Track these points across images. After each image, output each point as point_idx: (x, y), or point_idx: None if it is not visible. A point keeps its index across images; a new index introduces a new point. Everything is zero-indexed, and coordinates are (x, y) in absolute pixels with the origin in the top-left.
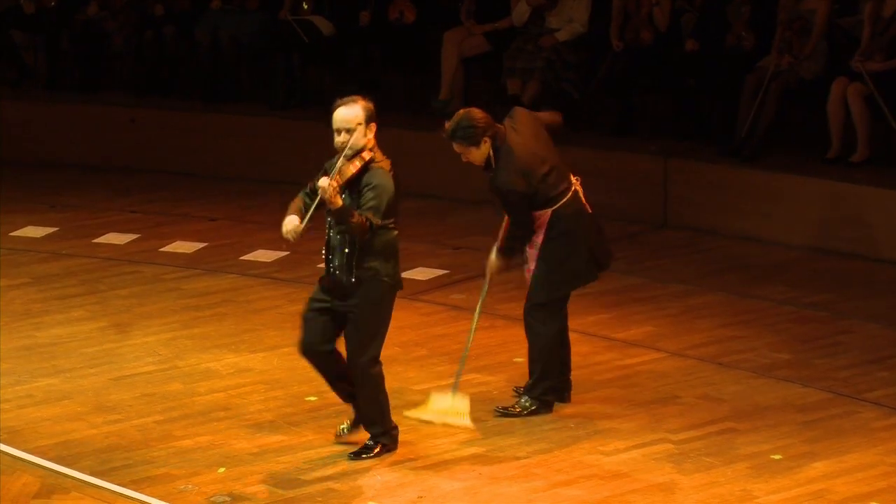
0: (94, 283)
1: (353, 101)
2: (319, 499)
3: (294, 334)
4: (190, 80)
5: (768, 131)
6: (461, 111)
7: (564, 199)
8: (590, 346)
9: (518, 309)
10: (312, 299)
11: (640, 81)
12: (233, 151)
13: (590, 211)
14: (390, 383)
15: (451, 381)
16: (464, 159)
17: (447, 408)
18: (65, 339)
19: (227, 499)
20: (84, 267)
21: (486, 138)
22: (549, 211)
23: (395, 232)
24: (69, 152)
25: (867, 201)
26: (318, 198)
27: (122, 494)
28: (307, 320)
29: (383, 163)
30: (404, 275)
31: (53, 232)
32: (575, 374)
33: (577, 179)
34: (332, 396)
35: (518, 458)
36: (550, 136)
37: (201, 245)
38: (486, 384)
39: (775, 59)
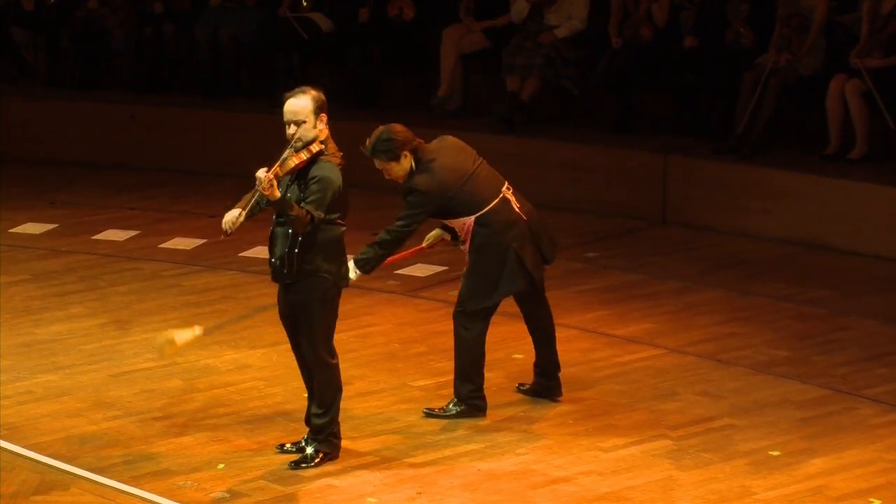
0: (93, 280)
1: (303, 93)
2: (318, 495)
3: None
4: (189, 78)
5: (767, 128)
6: (381, 127)
7: (488, 207)
8: (589, 343)
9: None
10: (279, 294)
11: (639, 78)
12: (232, 148)
13: (524, 219)
14: (389, 379)
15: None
16: (386, 176)
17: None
18: (64, 336)
19: (227, 495)
20: (83, 263)
21: (407, 152)
22: (471, 218)
23: (342, 228)
24: (69, 149)
25: (865, 198)
26: (255, 199)
27: (121, 490)
28: (282, 321)
29: (333, 156)
30: (403, 272)
31: (53, 228)
32: (574, 371)
33: (508, 188)
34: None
35: (517, 455)
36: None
37: (201, 242)
38: (485, 380)
39: (774, 56)
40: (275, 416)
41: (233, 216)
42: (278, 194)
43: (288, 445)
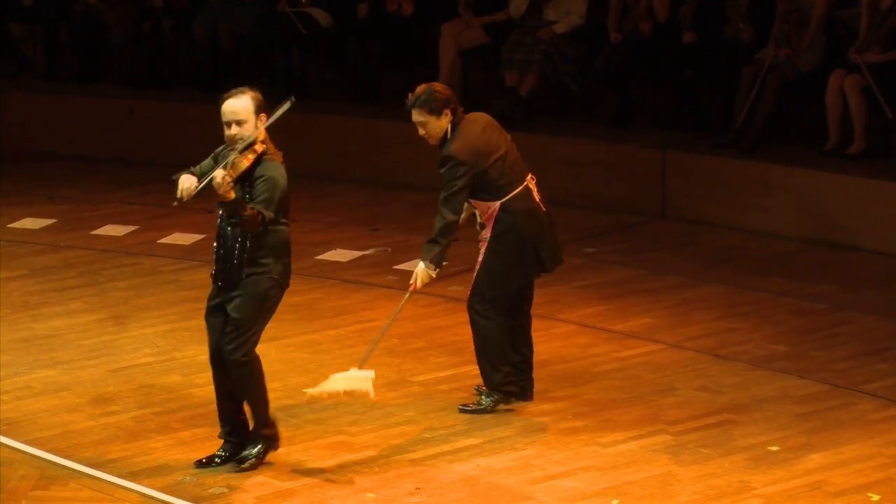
0: (92, 275)
1: (241, 93)
2: (317, 490)
3: (292, 326)
4: (189, 73)
5: (766, 123)
6: (424, 84)
7: (513, 193)
8: (587, 338)
9: None
10: (209, 298)
11: (638, 73)
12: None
13: (543, 210)
14: (389, 374)
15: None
16: (421, 132)
17: (351, 378)
18: (63, 331)
19: (225, 490)
20: (82, 259)
21: (448, 111)
22: (496, 203)
23: (287, 228)
24: (68, 144)
25: (864, 193)
26: (206, 182)
27: (120, 486)
28: (208, 324)
29: (275, 155)
30: (401, 267)
31: (52, 224)
32: (573, 366)
33: (532, 177)
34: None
35: (516, 450)
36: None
37: (199, 237)
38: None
39: (773, 51)
40: (273, 411)
41: (191, 182)
42: (233, 195)
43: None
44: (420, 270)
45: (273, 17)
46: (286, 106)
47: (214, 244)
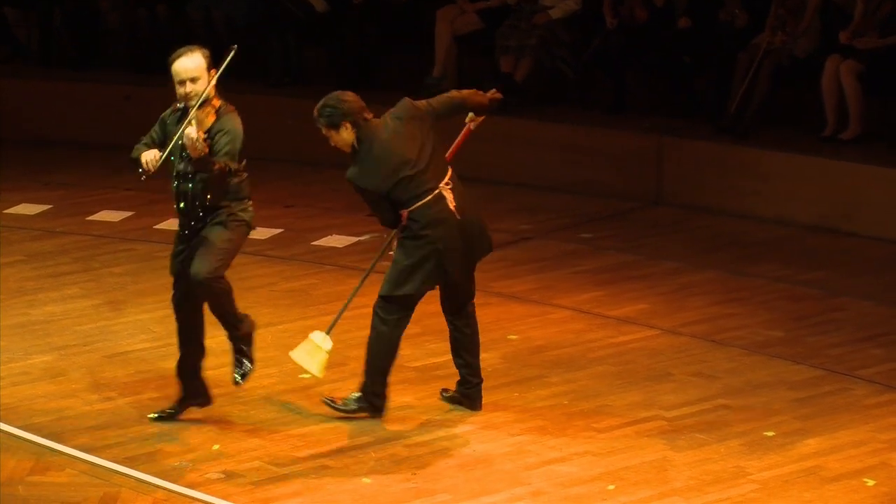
0: (88, 261)
1: (191, 51)
2: (313, 476)
3: (288, 312)
4: None
5: (761, 109)
6: (335, 92)
7: (421, 203)
8: (583, 324)
9: (513, 285)
10: (174, 254)
11: (633, 59)
12: None
13: (458, 218)
14: None
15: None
16: (331, 143)
17: (304, 354)
18: (59, 317)
19: (222, 476)
20: (78, 244)
21: (347, 123)
22: (405, 212)
23: (245, 174)
24: (63, 130)
25: (860, 178)
26: (173, 145)
27: (116, 471)
28: (176, 277)
29: (229, 108)
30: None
31: (47, 209)
32: (568, 352)
33: (447, 185)
34: (327, 374)
35: (511, 435)
36: (477, 111)
37: None
38: (480, 361)
39: (768, 37)
40: (269, 396)
41: (154, 157)
42: (207, 151)
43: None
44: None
45: (268, 3)
46: (231, 56)
47: (175, 205)
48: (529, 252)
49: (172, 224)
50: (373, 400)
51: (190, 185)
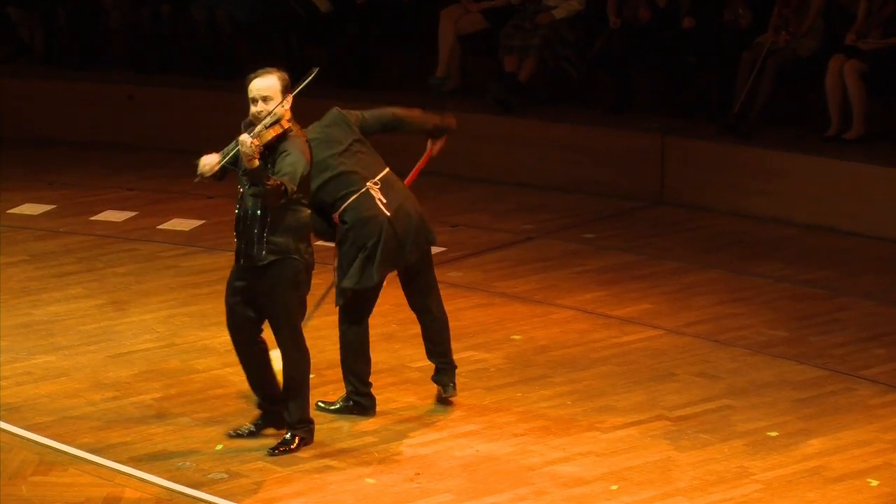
0: (91, 261)
1: (268, 73)
2: (316, 475)
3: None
4: (187, 58)
5: (765, 108)
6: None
7: (347, 203)
8: (587, 324)
9: (516, 285)
10: (231, 278)
11: (637, 59)
12: (231, 128)
13: (387, 214)
14: (388, 360)
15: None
16: None
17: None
18: (62, 317)
19: (225, 476)
20: (82, 244)
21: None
22: (335, 214)
23: (308, 211)
24: (66, 129)
25: (863, 178)
26: (235, 151)
27: (119, 471)
28: (230, 307)
29: (300, 134)
30: None
31: (51, 209)
32: (572, 352)
33: (375, 184)
34: (329, 374)
35: (515, 435)
36: (432, 133)
37: (199, 222)
38: (482, 361)
39: (772, 37)
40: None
41: (211, 161)
42: (258, 162)
43: (243, 429)
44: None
45: (270, 3)
46: (312, 75)
47: (235, 220)
48: (532, 252)
49: (176, 224)
50: (358, 400)
51: (249, 203)
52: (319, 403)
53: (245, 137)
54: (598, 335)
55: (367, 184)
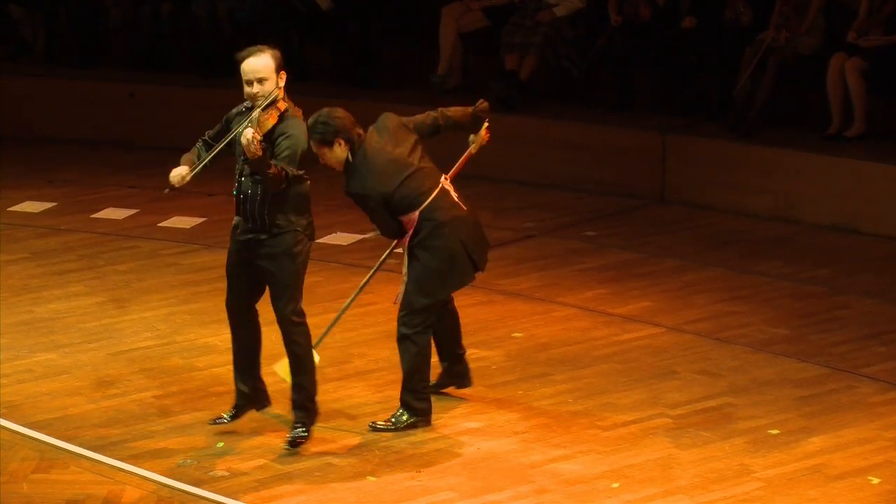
0: (92, 259)
1: (261, 51)
2: (318, 473)
3: None
4: (188, 56)
5: (766, 106)
6: (325, 108)
7: (429, 200)
8: (588, 322)
9: (517, 283)
10: (233, 251)
11: (638, 57)
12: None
13: (465, 209)
14: (390, 359)
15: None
16: (321, 161)
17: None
18: (63, 314)
19: (226, 473)
20: (82, 242)
21: (341, 140)
22: (415, 213)
23: (308, 182)
24: (68, 127)
25: (864, 176)
26: (207, 160)
27: (120, 469)
28: (231, 277)
29: (296, 112)
30: (401, 249)
31: (52, 207)
32: (573, 350)
33: (446, 178)
34: (329, 372)
35: (516, 433)
36: (471, 125)
37: (200, 220)
38: (484, 359)
39: (773, 35)
40: (273, 394)
41: (181, 173)
42: (261, 153)
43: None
44: None
45: (272, 1)
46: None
47: (235, 196)
48: (533, 250)
49: (177, 222)
50: (416, 405)
51: (250, 184)
52: (373, 426)
53: (248, 131)
54: (599, 333)
55: (441, 179)
